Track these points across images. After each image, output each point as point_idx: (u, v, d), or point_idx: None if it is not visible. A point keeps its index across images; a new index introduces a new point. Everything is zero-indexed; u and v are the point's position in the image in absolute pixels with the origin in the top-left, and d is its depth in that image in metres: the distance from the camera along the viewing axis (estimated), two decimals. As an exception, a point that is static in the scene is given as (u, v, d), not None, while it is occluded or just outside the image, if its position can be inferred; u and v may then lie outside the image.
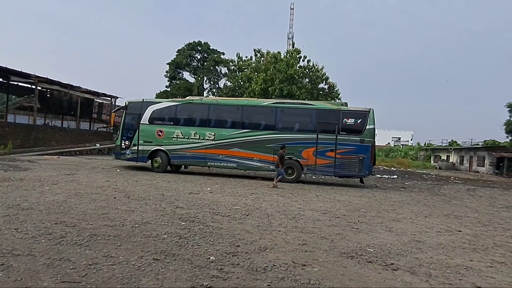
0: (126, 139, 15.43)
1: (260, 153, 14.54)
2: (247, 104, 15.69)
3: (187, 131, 15.03)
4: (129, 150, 15.34)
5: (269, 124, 14.84)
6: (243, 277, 3.67)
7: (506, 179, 31.20)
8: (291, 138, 14.47)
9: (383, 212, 8.66)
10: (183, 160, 15.45)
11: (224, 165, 14.98)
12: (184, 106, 15.72)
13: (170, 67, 43.56)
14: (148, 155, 15.15)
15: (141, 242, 4.71)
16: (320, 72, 28.76)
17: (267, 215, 7.19)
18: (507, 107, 31.41)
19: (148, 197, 8.33)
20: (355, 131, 14.15)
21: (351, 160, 14.02)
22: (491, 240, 6.36)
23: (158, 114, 15.44)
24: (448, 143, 56.61)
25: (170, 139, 15.07)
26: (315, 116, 14.66)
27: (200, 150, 14.88)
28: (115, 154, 16.24)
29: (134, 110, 15.52)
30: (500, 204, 11.95)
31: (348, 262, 4.47)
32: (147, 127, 15.26)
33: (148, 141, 15.17)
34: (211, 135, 14.84)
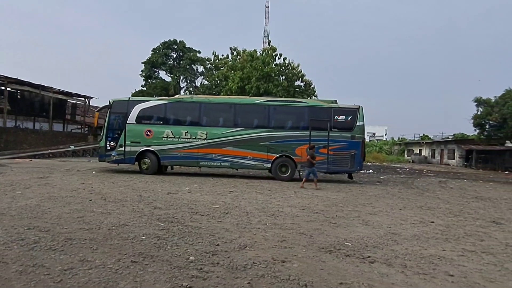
0: (111, 139, 14.63)
1: (254, 151, 14.48)
2: (239, 102, 15.51)
3: (178, 130, 14.58)
4: (115, 151, 14.58)
5: (262, 122, 14.81)
6: (223, 276, 3.68)
7: (474, 171, 32.54)
8: (285, 135, 14.58)
9: (359, 206, 8.85)
10: (174, 161, 14.99)
11: (217, 164, 14.76)
12: (174, 105, 15.20)
13: (146, 66, 42.80)
14: (136, 156, 14.53)
15: (118, 244, 4.62)
16: (296, 69, 29.03)
17: (246, 213, 7.21)
18: (474, 102, 32.62)
19: (125, 199, 8.18)
20: (346, 128, 14.49)
21: (343, 156, 14.36)
22: (462, 230, 6.62)
23: (146, 113, 14.86)
24: (420, 137, 58.43)
25: (159, 139, 14.53)
26: (307, 114, 14.79)
27: (192, 150, 14.52)
28: (99, 156, 15.35)
29: (119, 109, 14.79)
30: (469, 195, 12.45)
31: (327, 257, 4.55)
32: (135, 126, 14.59)
33: (136, 141, 14.53)
34: (203, 134, 14.52)
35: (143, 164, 14.60)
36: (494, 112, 30.08)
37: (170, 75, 42.42)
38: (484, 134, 32.84)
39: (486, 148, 37.55)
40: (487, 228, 6.84)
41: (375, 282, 3.73)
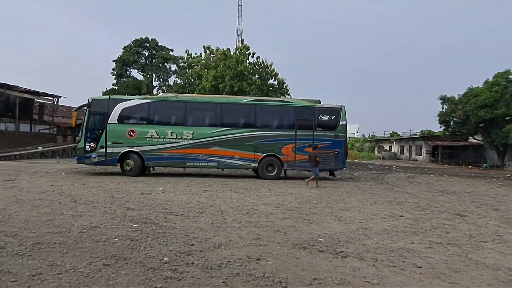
0: (91, 140, 13.83)
1: (241, 151, 14.42)
2: (226, 101, 15.40)
3: (163, 130, 14.13)
4: (95, 152, 13.80)
5: (249, 122, 14.80)
6: (197, 276, 3.67)
7: (440, 166, 33.93)
8: (271, 135, 14.67)
9: (332, 202, 9.04)
10: (159, 162, 14.46)
11: (204, 164, 14.55)
12: (159, 104, 14.75)
13: (117, 64, 41.74)
14: (118, 157, 13.88)
15: (89, 247, 4.51)
16: (269, 68, 29.15)
17: (221, 211, 7.21)
18: (440, 100, 33.93)
19: (96, 200, 7.97)
20: (329, 127, 14.88)
21: (327, 155, 14.56)
22: (429, 223, 6.90)
23: (129, 113, 14.26)
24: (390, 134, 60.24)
25: (143, 139, 14.00)
26: (293, 113, 14.95)
27: (177, 150, 14.14)
28: (77, 158, 14.33)
29: (100, 108, 14.05)
30: (436, 189, 12.98)
31: (301, 253, 4.63)
32: (117, 127, 13.93)
33: (118, 142, 13.88)
34: (189, 134, 14.22)
35: (126, 165, 13.98)
36: (458, 109, 31.40)
37: (142, 74, 41.61)
38: (449, 131, 34.20)
39: (451, 144, 39.18)
40: (452, 221, 7.17)
41: (347, 276, 3.83)
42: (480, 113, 28.83)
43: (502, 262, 4.54)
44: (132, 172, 13.87)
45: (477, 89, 30.60)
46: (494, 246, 5.32)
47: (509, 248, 5.23)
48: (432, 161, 40.98)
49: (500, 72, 29.93)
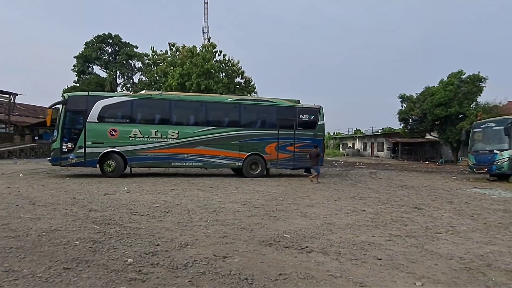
0: (68, 140, 12.86)
1: (226, 150, 14.43)
2: (210, 100, 15.22)
3: (147, 129, 13.65)
4: (73, 153, 12.85)
5: (233, 121, 14.83)
6: (163, 276, 3.63)
7: (400, 162, 35.47)
8: (255, 134, 14.87)
9: (298, 199, 9.22)
10: (143, 162, 13.91)
11: (189, 164, 14.34)
12: (142, 102, 14.18)
13: (78, 60, 40.06)
14: (98, 158, 13.09)
15: (49, 251, 4.33)
16: (236, 66, 29.16)
17: (188, 210, 7.15)
18: (399, 98, 35.44)
19: (57, 202, 7.65)
20: (309, 126, 15.44)
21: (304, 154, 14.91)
22: (389, 216, 7.21)
23: (110, 111, 13.53)
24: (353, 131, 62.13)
25: (126, 139, 13.37)
26: (275, 113, 15.29)
27: (162, 150, 13.75)
28: (52, 160, 13.14)
29: (77, 106, 13.12)
30: (396, 184, 13.57)
31: (267, 250, 4.69)
32: (97, 125, 13.12)
33: (98, 142, 13.09)
34: (174, 133, 13.90)
35: (107, 166, 13.26)
36: (416, 107, 32.99)
37: (106, 71, 40.24)
38: (408, 128, 35.84)
39: (410, 140, 41.08)
40: (410, 214, 7.53)
41: (311, 271, 3.94)
42: (436, 111, 30.44)
43: (455, 252, 4.84)
44: (114, 173, 13.20)
45: (433, 88, 32.27)
46: (448, 237, 5.65)
47: (461, 238, 5.58)
48: (392, 157, 42.75)
49: (454, 73, 31.75)
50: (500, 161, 15.19)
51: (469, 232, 6.04)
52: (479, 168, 16.30)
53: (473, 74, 30.91)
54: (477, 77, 30.61)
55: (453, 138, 30.49)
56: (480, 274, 4.00)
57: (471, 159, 16.92)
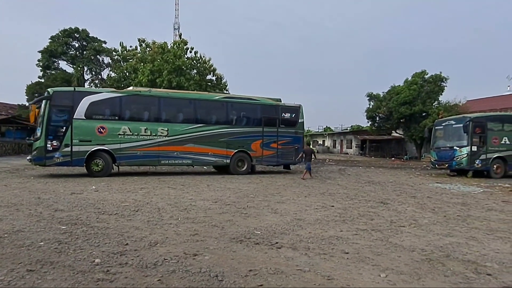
0: (53, 138, 12.16)
1: (215, 147, 14.58)
2: (199, 97, 15.20)
3: (136, 127, 13.34)
4: (59, 152, 12.20)
5: (221, 118, 15.05)
6: (131, 276, 3.57)
7: (368, 158, 36.55)
8: (242, 131, 15.20)
9: (269, 196, 9.31)
10: (132, 160, 13.50)
11: (179, 162, 14.34)
12: (131, 98, 13.84)
13: (43, 55, 38.21)
14: (86, 157, 12.54)
15: (11, 253, 4.15)
16: (208, 63, 28.90)
17: (158, 209, 7.06)
18: (367, 97, 36.45)
19: (20, 202, 7.32)
20: (290, 124, 16.13)
21: (289, 150, 15.96)
22: (357, 211, 7.44)
23: (98, 107, 12.99)
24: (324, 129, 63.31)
25: (115, 136, 12.96)
26: (260, 111, 15.79)
27: (152, 148, 13.54)
28: (35, 159, 12.40)
29: (63, 102, 12.54)
30: (363, 180, 14.00)
31: (238, 247, 4.73)
32: (84, 122, 12.56)
33: (86, 140, 12.55)
34: (163, 131, 13.73)
35: (94, 165, 12.76)
36: (383, 106, 34.05)
37: (73, 66, 38.66)
38: (375, 126, 36.93)
39: (377, 138, 42.39)
40: (376, 208, 7.81)
41: (281, 266, 4.01)
42: (401, 110, 31.57)
43: (417, 244, 5.07)
44: (102, 172, 12.76)
45: (398, 87, 33.42)
46: (411, 230, 5.91)
47: (423, 231, 5.86)
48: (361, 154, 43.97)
49: (418, 72, 33.02)
50: (459, 157, 16.02)
51: (430, 225, 6.34)
52: (441, 164, 17.11)
53: (435, 74, 32.28)
54: (439, 77, 31.98)
55: (417, 135, 31.73)
56: (440, 264, 4.22)
57: (433, 155, 17.72)
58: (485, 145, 15.99)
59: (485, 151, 15.93)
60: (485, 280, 3.80)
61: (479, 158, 15.82)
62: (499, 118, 17.79)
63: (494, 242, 5.28)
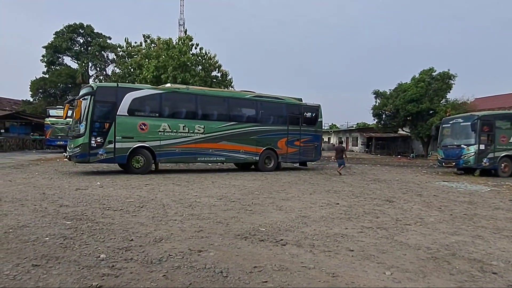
0: (97, 135, 11.97)
1: (245, 145, 14.90)
2: (232, 95, 15.67)
3: (175, 124, 13.39)
4: (103, 149, 12.03)
5: (251, 117, 15.45)
6: (137, 271, 3.58)
7: (374, 156, 36.36)
8: (270, 129, 15.60)
9: (274, 193, 9.30)
10: (172, 157, 13.58)
11: (213, 159, 14.57)
12: (170, 95, 13.88)
13: (47, 51, 38.44)
14: (128, 154, 12.43)
15: (16, 248, 4.18)
16: (213, 60, 28.84)
17: (163, 205, 7.07)
18: (373, 94, 36.21)
19: (25, 198, 7.37)
20: (311, 123, 16.75)
21: (309, 148, 16.64)
22: (362, 209, 7.40)
23: (140, 104, 12.98)
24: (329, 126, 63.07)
25: (155, 133, 12.95)
26: (285, 110, 16.29)
27: (190, 145, 13.65)
28: (78, 156, 12.04)
29: (107, 98, 12.33)
30: (369, 178, 13.93)
31: (242, 243, 4.72)
32: (127, 119, 12.48)
33: (128, 136, 12.44)
34: (200, 128, 13.89)
35: (135, 162, 12.66)
36: (389, 103, 33.79)
37: (77, 62, 38.86)
38: (381, 123, 36.69)
39: (383, 135, 42.15)
40: (382, 206, 7.77)
41: (286, 263, 4.00)
42: (408, 107, 31.31)
43: (423, 242, 5.04)
44: (141, 169, 12.70)
45: (405, 85, 33.13)
46: (417, 228, 5.87)
47: (429, 229, 5.82)
48: (366, 152, 43.76)
49: (425, 70, 32.69)
50: (467, 156, 15.87)
51: (436, 223, 6.30)
52: (447, 162, 16.97)
53: (443, 71, 31.93)
54: (447, 75, 31.64)
55: (424, 133, 31.48)
56: (445, 263, 4.19)
57: (440, 154, 17.57)
58: (493, 144, 15.82)
59: (493, 150, 15.76)
60: (490, 278, 3.77)
61: (486, 156, 15.66)
62: (507, 116, 17.57)
63: (501, 241, 5.23)
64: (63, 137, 23.52)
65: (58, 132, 23.67)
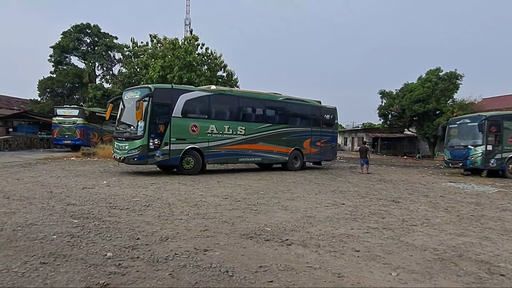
0: (154, 136, 12.01)
1: (278, 145, 15.46)
2: (268, 98, 15.86)
3: (221, 125, 13.74)
4: (160, 150, 12.11)
5: (283, 118, 15.97)
6: (143, 270, 3.61)
7: (379, 156, 36.17)
8: (297, 131, 16.26)
9: (279, 193, 9.29)
10: (218, 158, 13.83)
11: (252, 160, 15.00)
12: (217, 97, 14.12)
13: (55, 51, 38.82)
14: (181, 155, 12.58)
15: (25, 246, 4.24)
16: (219, 59, 28.89)
17: (169, 204, 7.11)
18: (379, 94, 36.00)
19: (33, 196, 7.45)
20: (329, 124, 17.76)
21: (328, 148, 17.62)
22: (368, 209, 7.38)
23: (192, 105, 13.11)
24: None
25: (204, 135, 13.17)
26: (310, 112, 17.03)
27: (233, 146, 14.04)
28: (138, 158, 11.99)
29: (163, 99, 12.33)
30: (375, 178, 13.86)
31: (248, 243, 4.73)
32: (180, 121, 12.59)
33: (181, 138, 12.59)
34: (242, 130, 14.33)
35: (186, 163, 12.78)
36: (395, 103, 33.57)
37: (84, 62, 39.18)
38: (387, 123, 36.46)
39: (389, 135, 41.89)
40: (388, 207, 7.73)
41: (291, 263, 4.01)
42: (414, 107, 31.08)
43: (429, 243, 5.01)
44: (192, 170, 12.81)
45: (411, 85, 32.89)
46: (423, 229, 5.84)
47: (435, 230, 5.78)
48: (372, 152, 43.51)
49: (432, 70, 32.42)
50: (474, 156, 15.73)
51: (443, 224, 6.25)
52: (454, 163, 16.83)
53: (450, 71, 31.64)
54: (454, 75, 31.36)
55: (430, 134, 31.24)
56: (452, 264, 4.16)
57: (446, 154, 17.43)
58: (501, 144, 15.66)
59: (500, 151, 15.61)
60: (498, 280, 3.74)
61: (494, 157, 15.51)
62: (515, 116, 17.36)
63: (508, 243, 5.19)
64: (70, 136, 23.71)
65: (65, 131, 23.84)
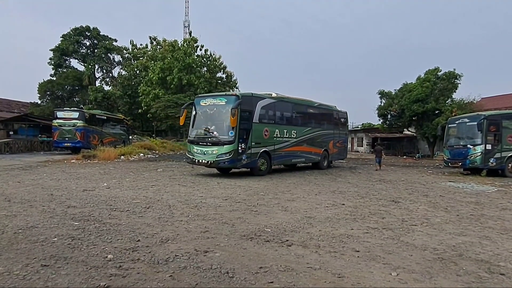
0: (242, 141, 12.73)
1: (314, 147, 16.98)
2: (308, 104, 17.26)
3: (282, 129, 14.89)
4: (245, 154, 12.87)
5: (317, 122, 17.59)
6: (144, 272, 3.62)
7: (380, 157, 36.08)
8: (326, 133, 17.97)
9: (279, 193, 9.30)
10: (279, 160, 15.02)
11: (299, 160, 16.30)
12: (279, 104, 15.15)
13: (55, 53, 38.95)
14: (257, 158, 13.43)
15: (26, 248, 4.25)
16: (218, 61, 28.97)
17: (169, 206, 7.12)
18: (378, 94, 36.01)
19: (33, 199, 7.47)
20: (343, 127, 19.93)
21: (342, 148, 19.65)
22: (367, 209, 7.39)
23: (264, 111, 14.05)
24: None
25: (272, 138, 14.23)
26: (333, 116, 19.02)
27: (289, 149, 15.20)
28: (228, 162, 12.60)
29: (247, 106, 13.06)
30: (374, 179, 13.86)
31: (248, 244, 4.75)
32: (258, 126, 13.53)
33: (258, 142, 13.51)
34: (294, 133, 15.52)
35: (261, 165, 13.73)
36: (394, 103, 33.58)
37: (84, 64, 39.27)
38: (386, 123, 36.46)
39: (389, 136, 41.90)
40: (387, 207, 7.74)
41: (291, 263, 4.02)
42: (414, 107, 31.10)
43: (429, 243, 5.02)
44: (264, 171, 13.82)
45: (410, 85, 32.92)
46: (423, 229, 5.85)
47: (435, 230, 5.79)
48: (371, 152, 43.50)
49: (431, 69, 32.45)
50: (473, 156, 15.74)
51: (442, 224, 6.27)
52: (454, 163, 16.84)
53: (449, 71, 31.67)
54: (452, 74, 31.39)
55: (430, 133, 31.24)
56: (452, 263, 4.17)
57: (446, 154, 17.44)
58: (500, 144, 15.67)
59: (500, 150, 15.62)
60: (498, 280, 3.75)
61: (493, 156, 15.52)
62: (514, 115, 17.37)
63: (508, 242, 5.20)
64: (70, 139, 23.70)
65: (65, 134, 23.83)
